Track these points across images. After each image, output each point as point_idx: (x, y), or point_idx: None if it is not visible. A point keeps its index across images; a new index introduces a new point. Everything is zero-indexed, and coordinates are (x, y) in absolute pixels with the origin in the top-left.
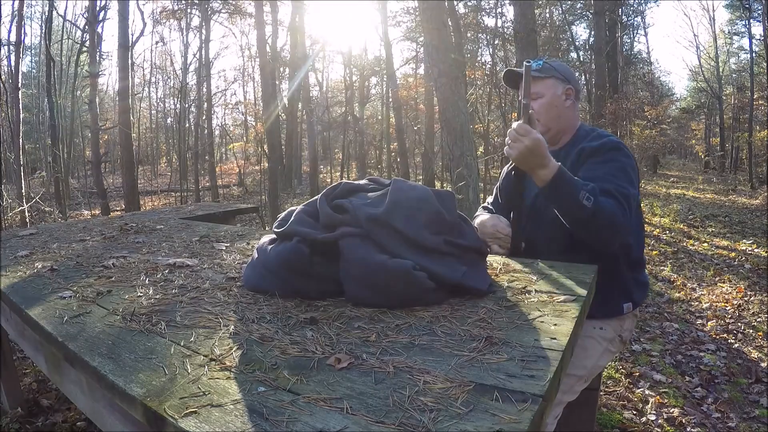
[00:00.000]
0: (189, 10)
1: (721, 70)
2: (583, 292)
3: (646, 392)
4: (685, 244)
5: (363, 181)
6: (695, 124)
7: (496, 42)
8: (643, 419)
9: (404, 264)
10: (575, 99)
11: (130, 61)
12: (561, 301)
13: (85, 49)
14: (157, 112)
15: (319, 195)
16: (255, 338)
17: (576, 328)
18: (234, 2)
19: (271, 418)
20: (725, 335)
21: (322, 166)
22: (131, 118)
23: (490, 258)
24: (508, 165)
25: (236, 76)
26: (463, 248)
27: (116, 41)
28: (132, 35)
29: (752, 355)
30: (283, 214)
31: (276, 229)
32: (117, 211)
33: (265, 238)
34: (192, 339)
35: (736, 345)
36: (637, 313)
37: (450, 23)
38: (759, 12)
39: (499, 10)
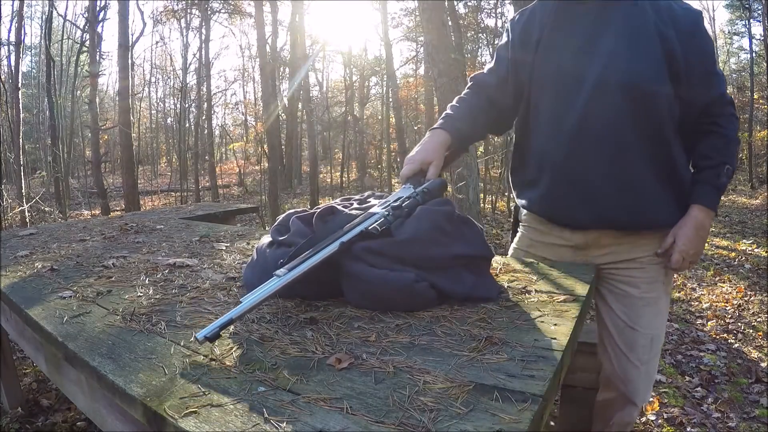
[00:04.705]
0: (189, 10)
1: (721, 70)
2: (583, 292)
3: None
4: None
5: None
6: None
7: (496, 42)
8: (643, 419)
9: (406, 278)
10: None
11: (130, 61)
12: (561, 301)
13: (85, 49)
14: (157, 112)
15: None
16: (255, 338)
17: (576, 327)
18: (234, 2)
19: (271, 418)
20: (725, 335)
21: (322, 166)
22: (131, 118)
23: None
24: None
25: (236, 76)
26: (468, 258)
27: (116, 41)
28: (132, 35)
29: (752, 355)
30: (281, 218)
31: (278, 238)
32: (117, 211)
33: (265, 239)
34: (192, 339)
35: (736, 345)
36: None
37: (450, 23)
38: (759, 12)
39: (499, 10)
